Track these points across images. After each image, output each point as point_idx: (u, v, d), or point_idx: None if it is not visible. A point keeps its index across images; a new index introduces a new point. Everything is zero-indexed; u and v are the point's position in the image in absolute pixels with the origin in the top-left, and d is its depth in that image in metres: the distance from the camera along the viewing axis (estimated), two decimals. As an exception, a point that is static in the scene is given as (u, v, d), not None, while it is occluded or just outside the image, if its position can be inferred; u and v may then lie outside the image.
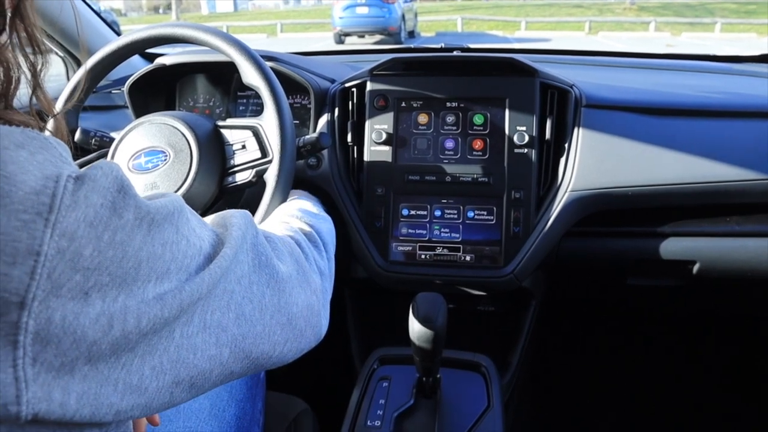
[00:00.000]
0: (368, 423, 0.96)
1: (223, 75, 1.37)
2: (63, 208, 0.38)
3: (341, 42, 14.45)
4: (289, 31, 18.99)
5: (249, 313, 0.55)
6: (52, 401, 0.38)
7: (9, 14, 0.48)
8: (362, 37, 14.63)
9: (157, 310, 0.44)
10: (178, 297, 0.45)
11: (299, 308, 0.63)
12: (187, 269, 0.47)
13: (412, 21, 16.01)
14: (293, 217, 0.85)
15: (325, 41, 15.06)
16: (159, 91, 1.38)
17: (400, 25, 13.98)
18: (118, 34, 1.59)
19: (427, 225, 1.16)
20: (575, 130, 1.15)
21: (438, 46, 1.69)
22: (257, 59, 0.96)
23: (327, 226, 0.88)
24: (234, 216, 0.60)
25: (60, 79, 1.61)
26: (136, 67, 1.35)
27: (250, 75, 0.95)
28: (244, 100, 1.40)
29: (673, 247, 1.18)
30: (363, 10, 13.79)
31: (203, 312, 0.49)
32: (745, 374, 1.77)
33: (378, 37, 14.42)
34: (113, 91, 1.52)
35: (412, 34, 15.81)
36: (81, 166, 1.05)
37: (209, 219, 0.61)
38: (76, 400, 0.39)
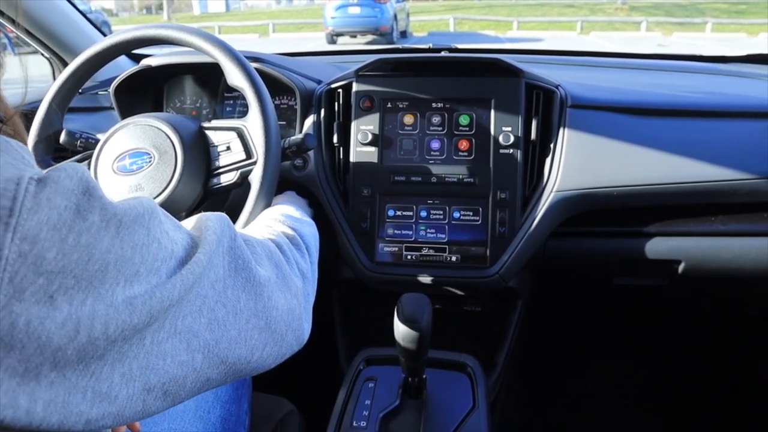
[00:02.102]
0: (354, 424, 0.96)
1: (211, 76, 1.36)
2: (24, 210, 0.37)
3: (333, 42, 14.43)
4: (282, 31, 18.94)
5: (222, 317, 0.54)
6: (18, 408, 0.37)
7: None
8: (354, 37, 14.61)
9: (126, 315, 0.43)
10: (148, 303, 0.45)
11: (279, 312, 0.63)
12: (157, 272, 0.47)
13: (404, 21, 16.00)
14: (276, 221, 0.85)
15: (318, 41, 15.03)
16: (146, 92, 1.37)
17: (392, 25, 13.97)
18: (105, 35, 1.58)
19: (413, 226, 1.16)
20: (561, 130, 1.15)
21: (426, 46, 1.69)
22: (241, 60, 0.96)
23: (310, 230, 0.88)
24: (210, 219, 0.59)
25: (47, 80, 1.61)
26: (124, 68, 1.35)
27: (234, 76, 0.95)
28: (231, 102, 1.39)
29: (658, 246, 1.18)
30: (355, 10, 13.77)
31: (174, 317, 0.48)
32: (736, 372, 1.78)
33: (370, 37, 14.40)
34: (100, 93, 1.52)
35: (404, 34, 15.80)
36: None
37: (187, 222, 0.60)
38: (43, 407, 0.39)
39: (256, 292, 0.59)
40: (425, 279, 1.15)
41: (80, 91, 1.12)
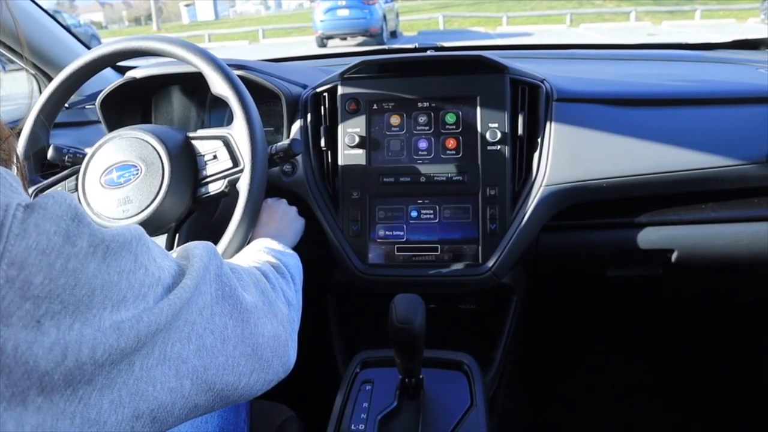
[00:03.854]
0: (352, 427, 0.96)
1: (198, 86, 1.36)
2: (12, 237, 0.38)
3: (324, 45, 14.41)
4: (271, 37, 18.93)
5: (210, 344, 0.54)
6: None
7: None
8: (344, 39, 14.59)
9: (113, 340, 0.43)
10: (135, 327, 0.45)
11: (265, 339, 0.63)
12: (144, 298, 0.47)
13: (394, 21, 15.99)
14: (260, 252, 0.86)
15: (308, 45, 15.00)
16: (134, 104, 1.37)
17: (381, 26, 13.95)
18: (89, 48, 1.58)
19: (404, 226, 1.16)
20: (547, 124, 1.15)
21: (412, 46, 1.69)
22: (224, 68, 0.96)
23: (294, 261, 0.89)
24: (197, 248, 0.60)
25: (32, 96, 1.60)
26: (110, 81, 1.35)
27: (217, 85, 0.95)
28: (220, 110, 1.39)
29: (650, 236, 1.18)
30: (344, 13, 13.75)
31: (164, 344, 0.49)
32: (733, 361, 1.78)
33: (360, 39, 14.40)
34: (87, 107, 1.51)
35: (394, 34, 15.80)
36: (54, 183, 1.05)
37: (173, 252, 0.61)
38: None
39: (243, 318, 0.60)
40: (418, 279, 1.14)
41: (67, 105, 1.12)
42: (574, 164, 1.13)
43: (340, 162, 1.18)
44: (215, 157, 0.98)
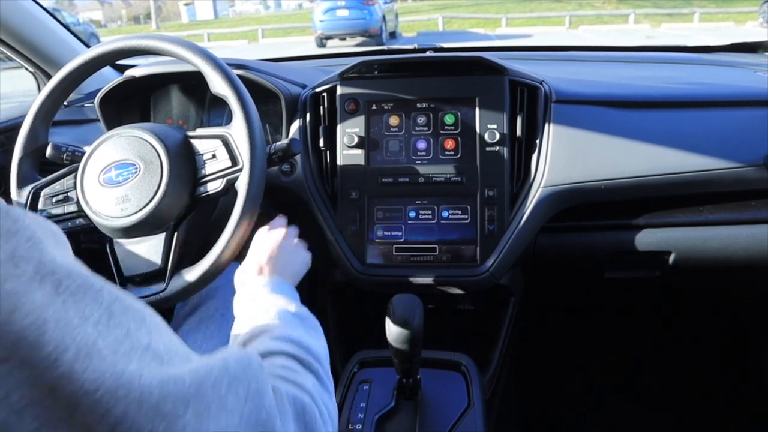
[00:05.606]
0: (350, 426, 0.96)
1: (197, 85, 1.36)
2: None
3: (323, 45, 14.39)
4: (271, 37, 18.89)
5: None
6: None
7: None
8: (344, 39, 14.58)
9: None
10: None
11: None
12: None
13: (393, 22, 15.98)
14: (283, 342, 0.69)
15: (307, 45, 14.98)
16: (133, 103, 1.37)
17: (381, 27, 13.95)
18: (89, 47, 1.58)
19: (402, 226, 1.16)
20: (546, 126, 1.15)
21: (411, 46, 1.69)
22: (223, 68, 0.95)
23: (321, 343, 0.73)
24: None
25: (32, 94, 1.60)
26: (110, 80, 1.34)
27: (217, 84, 0.95)
28: (219, 110, 1.39)
29: (648, 238, 1.19)
30: (343, 13, 13.74)
31: None
32: (731, 361, 1.78)
33: (359, 39, 14.40)
34: (86, 105, 1.51)
35: (393, 35, 15.79)
36: (52, 181, 1.04)
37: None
38: None
39: None
40: (416, 279, 1.15)
41: (66, 104, 1.11)
42: (573, 166, 1.13)
43: (339, 162, 1.18)
44: (214, 156, 0.97)
